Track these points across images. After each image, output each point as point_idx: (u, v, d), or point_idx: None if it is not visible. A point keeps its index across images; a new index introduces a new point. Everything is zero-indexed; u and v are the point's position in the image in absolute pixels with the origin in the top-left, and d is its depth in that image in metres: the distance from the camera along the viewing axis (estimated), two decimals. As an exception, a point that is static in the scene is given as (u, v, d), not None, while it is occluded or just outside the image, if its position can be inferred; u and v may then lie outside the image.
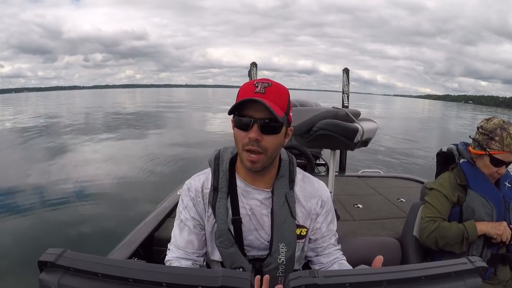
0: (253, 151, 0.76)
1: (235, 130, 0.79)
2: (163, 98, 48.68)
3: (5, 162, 7.23)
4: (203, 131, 13.58)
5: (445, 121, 26.89)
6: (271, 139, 0.77)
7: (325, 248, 0.91)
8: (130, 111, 23.63)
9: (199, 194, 0.87)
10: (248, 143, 0.76)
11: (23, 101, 47.60)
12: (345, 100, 3.63)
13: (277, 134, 0.78)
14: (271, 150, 0.78)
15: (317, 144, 2.17)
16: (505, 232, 1.21)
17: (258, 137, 0.75)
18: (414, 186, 2.74)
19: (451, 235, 1.25)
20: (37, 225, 3.90)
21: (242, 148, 0.78)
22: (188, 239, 0.86)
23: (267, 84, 0.77)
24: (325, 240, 0.90)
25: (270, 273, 0.82)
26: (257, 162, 0.78)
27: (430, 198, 1.36)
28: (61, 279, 0.49)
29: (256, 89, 0.76)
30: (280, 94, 0.78)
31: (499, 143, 1.22)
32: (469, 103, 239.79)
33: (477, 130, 1.32)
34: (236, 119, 0.78)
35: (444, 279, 0.52)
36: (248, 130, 0.76)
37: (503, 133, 1.22)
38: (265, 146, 0.77)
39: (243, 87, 0.79)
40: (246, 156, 0.78)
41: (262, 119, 0.75)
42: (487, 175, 1.28)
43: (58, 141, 10.01)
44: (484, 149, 1.26)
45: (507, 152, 1.22)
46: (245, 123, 0.76)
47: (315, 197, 0.90)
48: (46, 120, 17.07)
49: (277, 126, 0.77)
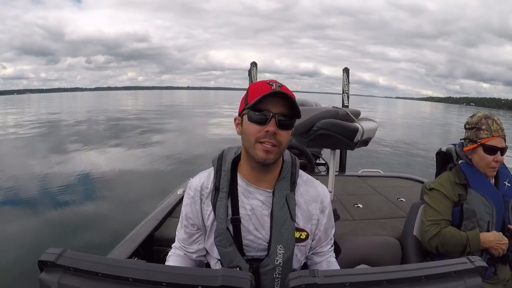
0: (269, 143, 0.79)
1: (249, 125, 0.80)
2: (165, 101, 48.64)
3: (5, 162, 7.23)
4: (204, 131, 13.58)
5: (447, 122, 26.87)
6: (285, 134, 0.80)
7: (321, 251, 0.93)
8: (133, 113, 23.61)
9: (197, 193, 0.89)
10: (265, 136, 0.79)
11: (26, 102, 47.61)
12: (345, 99, 3.63)
13: (290, 130, 0.82)
14: (284, 144, 0.81)
15: (317, 144, 2.17)
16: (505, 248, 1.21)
17: (275, 130, 0.78)
18: (414, 185, 2.74)
19: (453, 244, 1.25)
20: (37, 225, 3.90)
21: (255, 141, 0.80)
22: (184, 235, 0.93)
23: (280, 84, 0.81)
24: (323, 246, 0.93)
25: (267, 274, 0.83)
26: (271, 152, 0.79)
27: (430, 199, 1.36)
28: (61, 278, 0.49)
29: (272, 87, 0.79)
30: (290, 93, 0.82)
31: (487, 130, 1.26)
32: (471, 105, 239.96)
33: (465, 128, 1.35)
34: (251, 114, 0.80)
35: (444, 279, 0.52)
36: (265, 124, 0.78)
37: (489, 121, 1.27)
38: (280, 140, 0.79)
39: (255, 86, 0.82)
40: (261, 146, 0.79)
41: (279, 114, 0.78)
42: (486, 167, 1.28)
43: (60, 141, 10.03)
44: (475, 141, 1.28)
45: (497, 137, 1.25)
46: (263, 117, 0.79)
47: (316, 201, 0.90)
48: (48, 120, 17.09)
49: (291, 122, 0.81)
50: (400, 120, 25.16)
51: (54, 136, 11.14)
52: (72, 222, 3.98)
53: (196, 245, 0.92)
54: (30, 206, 4.56)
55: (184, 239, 0.93)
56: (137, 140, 10.56)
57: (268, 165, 0.82)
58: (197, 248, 0.92)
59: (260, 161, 0.80)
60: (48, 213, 4.33)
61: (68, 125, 14.89)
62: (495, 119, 1.28)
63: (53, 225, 3.92)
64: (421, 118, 28.78)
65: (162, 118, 18.99)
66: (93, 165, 6.96)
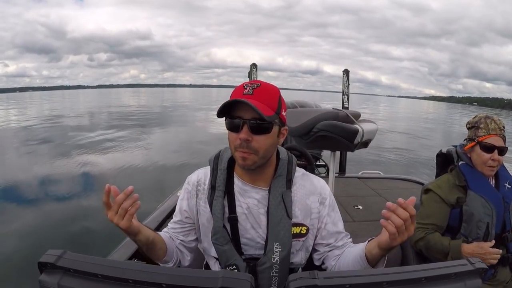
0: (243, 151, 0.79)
1: (228, 132, 0.81)
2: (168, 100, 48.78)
3: (5, 162, 7.23)
4: (205, 131, 13.57)
5: (449, 122, 26.85)
6: (262, 139, 0.78)
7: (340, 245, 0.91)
8: (134, 111, 23.62)
9: (194, 188, 0.91)
10: (240, 145, 0.78)
11: (27, 100, 47.59)
12: (345, 101, 3.63)
13: (267, 133, 0.79)
14: (263, 150, 0.80)
15: (317, 145, 2.17)
16: (489, 254, 1.19)
17: (248, 137, 0.77)
18: (414, 187, 2.74)
19: (436, 250, 1.28)
20: (37, 226, 3.90)
21: (234, 149, 0.81)
22: (175, 224, 0.93)
23: (255, 85, 0.79)
24: (339, 239, 0.91)
25: (264, 272, 0.83)
26: (247, 159, 0.79)
27: (425, 201, 1.37)
28: (61, 280, 0.49)
29: (245, 90, 0.78)
30: (269, 94, 0.80)
31: (485, 128, 1.28)
32: (473, 105, 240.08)
33: (467, 128, 1.38)
34: (227, 121, 0.80)
35: (444, 281, 0.52)
36: (239, 131, 0.78)
37: (487, 120, 1.29)
38: (255, 146, 0.78)
39: (235, 90, 0.82)
40: (238, 153, 0.80)
41: (251, 120, 0.77)
42: (482, 165, 1.28)
43: (60, 141, 10.02)
44: (473, 139, 1.31)
45: (494, 135, 1.26)
46: (236, 125, 0.78)
47: (314, 194, 0.90)
48: (48, 118, 17.09)
49: (267, 126, 0.78)
50: (401, 120, 25.14)
51: (54, 136, 11.13)
52: (72, 223, 3.97)
53: (184, 235, 0.92)
54: (29, 207, 4.56)
55: (175, 228, 0.93)
56: (137, 140, 10.55)
57: (252, 170, 0.82)
58: (183, 239, 0.92)
59: (241, 167, 0.82)
60: (48, 214, 4.32)
61: (68, 125, 14.88)
62: (495, 119, 1.30)
63: (53, 226, 3.91)
64: (423, 119, 28.77)
65: (163, 117, 18.99)
66: (93, 165, 6.95)
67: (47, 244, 2.70)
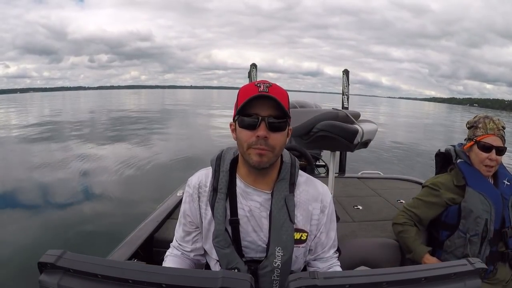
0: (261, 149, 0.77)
1: (240, 131, 0.79)
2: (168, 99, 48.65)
3: (6, 162, 7.23)
4: (205, 131, 13.57)
5: (449, 123, 26.84)
6: (278, 137, 0.78)
7: (324, 257, 0.92)
8: (133, 112, 23.60)
9: (196, 191, 0.89)
10: (256, 142, 0.77)
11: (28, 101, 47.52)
12: (345, 101, 3.63)
13: (283, 131, 0.79)
14: (278, 147, 0.79)
15: (317, 146, 2.16)
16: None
17: (266, 134, 0.76)
18: (414, 187, 2.74)
19: (404, 243, 1.39)
20: (37, 226, 3.89)
21: (247, 147, 0.78)
22: (182, 233, 0.93)
23: (268, 84, 0.79)
24: (325, 251, 0.91)
25: (265, 276, 0.82)
26: (265, 155, 0.77)
27: (419, 194, 1.44)
28: (61, 280, 0.49)
29: (260, 88, 0.77)
30: (281, 92, 0.80)
31: (483, 128, 1.31)
32: (474, 106, 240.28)
33: (466, 128, 1.41)
34: (240, 119, 0.78)
35: (444, 281, 0.52)
36: (255, 129, 0.76)
37: (486, 120, 1.32)
38: (272, 144, 0.78)
39: (244, 89, 0.80)
40: (253, 151, 0.78)
41: (269, 117, 0.76)
42: (480, 164, 1.30)
43: (60, 141, 10.01)
44: (472, 139, 1.33)
45: (492, 135, 1.29)
46: (252, 122, 0.77)
47: (317, 200, 0.89)
48: (50, 119, 17.08)
49: (283, 123, 0.79)
50: (401, 120, 25.15)
51: (56, 136, 11.12)
52: (72, 223, 3.97)
53: (194, 244, 0.92)
54: (29, 207, 4.55)
55: (182, 237, 0.93)
56: (137, 140, 10.54)
57: (264, 169, 0.81)
58: (194, 247, 0.92)
59: (255, 166, 0.79)
60: (48, 215, 4.32)
61: (69, 123, 14.88)
62: (494, 119, 1.32)
63: (53, 226, 3.91)
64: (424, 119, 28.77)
65: (163, 117, 18.98)
66: (93, 165, 6.95)
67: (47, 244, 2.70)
